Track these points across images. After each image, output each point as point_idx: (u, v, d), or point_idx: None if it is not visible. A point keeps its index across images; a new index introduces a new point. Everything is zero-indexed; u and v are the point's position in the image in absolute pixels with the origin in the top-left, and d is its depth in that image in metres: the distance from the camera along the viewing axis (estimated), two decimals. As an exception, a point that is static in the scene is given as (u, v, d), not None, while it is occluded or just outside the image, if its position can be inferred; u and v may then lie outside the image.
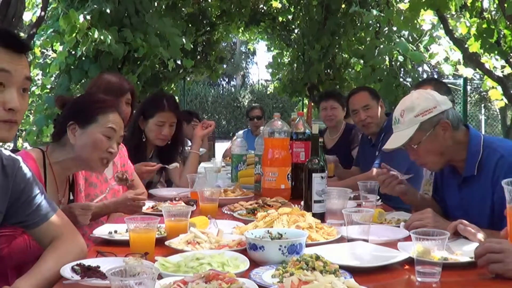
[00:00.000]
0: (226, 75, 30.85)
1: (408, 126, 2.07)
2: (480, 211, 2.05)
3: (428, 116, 2.05)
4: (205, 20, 10.27)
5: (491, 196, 2.01)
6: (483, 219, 2.02)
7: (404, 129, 2.10)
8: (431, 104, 2.06)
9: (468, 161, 2.07)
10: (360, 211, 1.90)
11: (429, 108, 2.06)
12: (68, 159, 1.99)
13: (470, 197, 2.11)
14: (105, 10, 5.61)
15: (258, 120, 6.02)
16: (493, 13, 5.98)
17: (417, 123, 2.05)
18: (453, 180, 2.20)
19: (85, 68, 5.77)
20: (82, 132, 1.98)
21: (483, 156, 2.04)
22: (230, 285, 1.26)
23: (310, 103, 4.77)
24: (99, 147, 1.99)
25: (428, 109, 2.06)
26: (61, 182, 2.03)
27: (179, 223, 1.91)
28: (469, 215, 2.09)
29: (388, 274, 1.54)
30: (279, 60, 10.70)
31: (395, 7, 7.69)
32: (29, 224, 1.61)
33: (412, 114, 2.07)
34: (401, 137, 2.10)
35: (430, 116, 2.05)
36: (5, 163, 1.55)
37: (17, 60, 1.43)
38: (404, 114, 2.10)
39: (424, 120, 2.05)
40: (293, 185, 2.78)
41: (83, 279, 1.44)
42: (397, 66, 7.72)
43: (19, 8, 4.67)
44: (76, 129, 1.98)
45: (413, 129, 2.06)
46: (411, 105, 2.10)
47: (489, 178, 2.01)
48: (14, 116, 1.42)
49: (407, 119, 2.08)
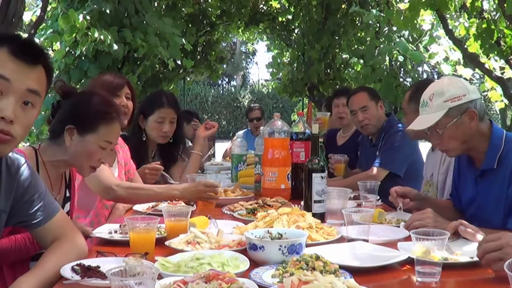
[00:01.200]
0: (226, 75, 30.85)
1: (436, 110, 2.07)
2: (496, 205, 2.05)
3: (457, 103, 2.05)
4: (205, 20, 10.27)
5: (506, 190, 2.01)
6: (498, 213, 2.02)
7: (431, 113, 2.09)
8: (461, 92, 2.07)
9: (488, 154, 2.07)
10: (360, 211, 1.90)
11: (459, 95, 2.06)
12: (61, 160, 1.97)
13: (486, 190, 2.11)
14: (104, 10, 5.62)
15: (257, 121, 6.00)
16: (493, 13, 5.97)
17: (446, 108, 2.05)
18: (470, 173, 2.20)
19: (85, 68, 5.77)
20: (79, 139, 1.94)
21: (504, 150, 2.05)
22: (230, 285, 1.26)
23: (310, 103, 4.76)
24: (92, 157, 1.96)
25: (458, 96, 2.06)
26: (55, 179, 2.01)
27: (179, 223, 1.91)
28: (484, 209, 2.09)
29: (388, 274, 1.55)
30: (279, 60, 10.71)
31: (395, 7, 7.69)
32: (31, 223, 1.61)
33: (442, 99, 2.07)
34: (427, 120, 2.10)
35: (459, 103, 2.05)
36: (9, 162, 1.54)
37: (23, 71, 1.37)
38: (433, 98, 2.10)
39: (453, 106, 2.05)
40: (293, 185, 2.78)
41: (83, 279, 1.44)
42: (397, 66, 7.73)
43: (19, 8, 4.66)
44: (74, 134, 1.94)
45: (440, 113, 2.06)
46: (441, 90, 2.09)
47: (507, 172, 2.01)
48: (7, 127, 1.34)
49: (435, 103, 2.08)
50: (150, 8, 6.21)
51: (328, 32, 9.08)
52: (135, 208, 2.49)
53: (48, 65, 1.48)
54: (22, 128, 1.40)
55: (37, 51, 1.44)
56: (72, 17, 5.23)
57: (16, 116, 1.37)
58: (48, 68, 1.47)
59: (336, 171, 3.51)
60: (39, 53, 1.45)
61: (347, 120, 4.14)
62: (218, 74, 11.01)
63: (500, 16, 5.67)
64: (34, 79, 1.41)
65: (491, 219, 2.00)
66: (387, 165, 3.31)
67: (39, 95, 1.43)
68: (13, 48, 1.37)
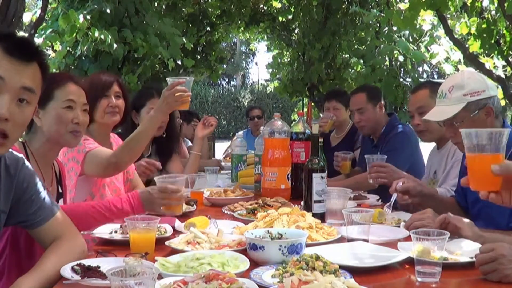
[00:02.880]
0: (226, 75, 30.87)
1: (454, 103, 2.08)
2: (501, 208, 2.04)
3: (476, 97, 2.05)
4: (205, 20, 10.27)
5: None
6: (504, 213, 2.01)
7: (449, 105, 2.09)
8: (480, 87, 2.07)
9: None
10: (360, 211, 1.90)
11: (479, 90, 2.06)
12: (43, 143, 2.01)
13: None
14: (105, 10, 5.62)
15: (258, 119, 6.05)
16: (493, 13, 5.98)
17: (464, 102, 2.06)
18: None
19: (85, 68, 5.78)
20: (44, 113, 1.99)
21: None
22: (230, 285, 1.26)
23: (310, 103, 4.76)
24: (62, 121, 1.99)
25: (478, 91, 2.06)
26: (46, 171, 2.03)
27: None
28: (489, 208, 2.08)
29: (388, 274, 1.54)
30: (279, 60, 10.70)
31: (395, 7, 7.70)
32: (31, 223, 1.61)
33: (461, 92, 2.07)
34: (445, 112, 2.10)
35: (478, 98, 2.05)
36: (8, 162, 1.54)
37: (18, 68, 1.38)
38: (452, 90, 2.10)
39: (472, 101, 2.05)
40: (293, 185, 2.78)
41: (83, 279, 1.44)
42: (397, 66, 7.73)
43: (19, 8, 4.67)
44: (38, 111, 1.98)
45: (459, 106, 2.06)
46: (461, 83, 2.10)
47: None
48: (3, 125, 1.36)
49: (454, 96, 2.08)
50: (150, 8, 6.21)
51: (329, 32, 9.08)
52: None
53: (43, 62, 1.49)
54: (17, 126, 1.41)
55: (31, 49, 1.45)
56: (73, 17, 5.23)
57: (11, 114, 1.37)
58: (43, 66, 1.48)
59: (342, 169, 3.52)
60: (33, 50, 1.45)
61: (338, 122, 4.17)
62: (218, 74, 11.00)
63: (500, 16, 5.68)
64: (29, 77, 1.41)
65: (496, 218, 1.99)
66: None
67: (34, 93, 1.44)
68: (7, 46, 1.37)
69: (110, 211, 1.94)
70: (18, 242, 1.85)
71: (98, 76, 2.68)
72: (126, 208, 1.94)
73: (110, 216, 1.95)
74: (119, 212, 1.94)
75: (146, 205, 1.97)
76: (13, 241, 1.84)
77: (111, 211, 1.94)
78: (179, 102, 2.28)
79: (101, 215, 1.94)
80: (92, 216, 1.94)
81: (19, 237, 1.85)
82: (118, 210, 1.94)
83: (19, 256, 1.85)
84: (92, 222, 1.95)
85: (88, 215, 1.93)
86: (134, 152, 2.36)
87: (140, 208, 1.96)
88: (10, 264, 1.83)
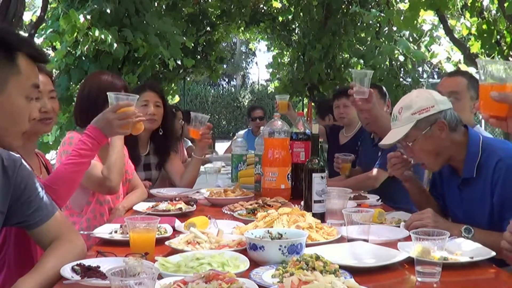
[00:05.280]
0: (226, 75, 30.86)
1: (405, 123, 2.09)
2: (480, 212, 2.05)
3: (424, 114, 2.06)
4: (205, 20, 10.28)
5: (490, 198, 2.01)
6: (483, 220, 2.02)
7: (400, 126, 2.11)
8: (429, 103, 2.07)
9: (466, 163, 2.07)
10: (360, 211, 1.90)
11: (427, 106, 2.07)
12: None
13: (470, 198, 2.11)
14: (105, 10, 5.62)
15: (260, 120, 6.05)
16: (493, 13, 5.98)
17: (413, 121, 2.06)
18: (453, 180, 2.20)
19: (85, 68, 5.78)
20: None
21: (482, 158, 2.04)
22: (230, 285, 1.26)
23: (310, 103, 4.77)
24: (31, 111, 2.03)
25: (425, 107, 2.07)
26: (31, 160, 2.05)
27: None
28: (469, 215, 2.09)
29: (388, 274, 1.54)
30: (279, 60, 10.71)
31: (395, 7, 7.70)
32: (29, 224, 1.61)
33: (410, 111, 2.08)
34: (397, 134, 2.12)
35: (427, 114, 2.06)
36: (5, 163, 1.54)
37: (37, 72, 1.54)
38: (402, 111, 2.11)
39: (421, 118, 2.06)
40: (293, 185, 2.77)
41: (83, 279, 1.44)
42: (397, 66, 7.73)
43: (19, 8, 4.67)
44: None
45: (408, 126, 2.07)
46: (409, 103, 2.11)
47: (488, 180, 2.01)
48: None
49: (404, 116, 2.10)
50: (150, 8, 6.22)
51: (329, 32, 9.09)
52: (135, 208, 2.49)
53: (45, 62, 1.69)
54: None
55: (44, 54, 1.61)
56: (73, 17, 5.23)
57: None
58: None
59: (342, 170, 3.51)
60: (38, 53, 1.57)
61: (348, 120, 4.14)
62: (218, 74, 11.01)
63: (500, 16, 5.68)
64: None
65: (478, 222, 2.00)
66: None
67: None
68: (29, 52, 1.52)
69: (80, 155, 1.97)
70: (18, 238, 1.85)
71: (108, 76, 2.67)
72: (89, 143, 1.96)
73: (85, 159, 1.99)
74: (88, 150, 1.97)
75: (105, 131, 1.99)
76: (15, 238, 1.85)
77: (81, 155, 1.97)
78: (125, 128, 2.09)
79: (77, 164, 1.97)
80: (72, 171, 1.96)
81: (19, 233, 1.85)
82: (86, 149, 1.97)
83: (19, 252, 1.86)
84: (76, 176, 1.99)
85: (68, 173, 1.96)
86: (122, 171, 2.49)
87: (101, 136, 1.98)
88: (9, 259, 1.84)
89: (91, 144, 1.98)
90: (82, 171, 2.02)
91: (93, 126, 1.99)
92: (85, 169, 2.03)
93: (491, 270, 1.59)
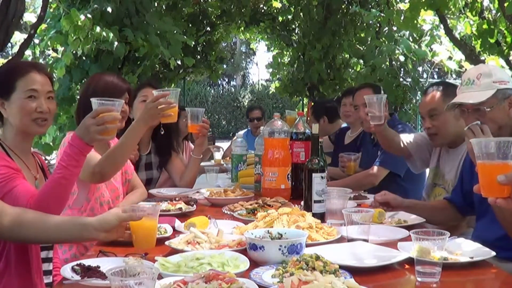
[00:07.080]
0: (226, 75, 30.84)
1: (484, 89, 2.13)
2: None
3: (504, 86, 2.12)
4: (205, 20, 10.28)
5: None
6: None
7: (479, 91, 2.14)
8: (506, 77, 2.14)
9: None
10: (360, 211, 1.90)
11: (505, 80, 2.13)
12: (14, 134, 2.03)
13: None
14: (106, 10, 5.62)
15: (258, 121, 6.01)
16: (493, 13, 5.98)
17: (494, 89, 2.12)
18: None
19: (86, 68, 5.78)
20: (8, 104, 2.00)
21: None
22: (230, 285, 1.26)
23: (310, 103, 4.76)
24: (26, 111, 1.99)
25: (504, 80, 2.13)
26: (28, 160, 2.07)
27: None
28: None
29: (388, 274, 1.55)
30: (279, 60, 10.71)
31: (395, 7, 7.70)
32: None
33: (490, 79, 2.13)
34: (475, 96, 2.14)
35: (505, 87, 2.12)
36: None
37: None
38: (480, 77, 2.15)
39: (501, 89, 2.12)
40: (293, 185, 2.77)
41: (83, 279, 1.44)
42: (397, 66, 7.73)
43: (19, 8, 4.66)
44: (4, 104, 2.00)
45: (490, 92, 2.12)
46: (488, 71, 2.16)
47: None
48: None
49: (483, 82, 2.14)
50: (150, 8, 6.21)
51: (329, 32, 9.08)
52: (135, 208, 2.49)
53: None
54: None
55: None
56: (74, 16, 5.23)
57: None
58: None
59: (347, 169, 3.51)
60: None
61: (353, 118, 4.13)
62: (218, 74, 11.01)
63: (500, 16, 5.68)
64: None
65: None
66: (388, 164, 3.30)
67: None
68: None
69: (64, 167, 1.89)
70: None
71: (112, 78, 2.66)
72: (72, 152, 1.90)
73: (69, 170, 1.90)
74: (70, 159, 1.90)
75: (85, 137, 1.92)
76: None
77: (64, 167, 1.89)
78: (161, 115, 2.33)
79: (63, 177, 1.89)
80: (59, 184, 1.89)
81: None
82: (67, 159, 1.90)
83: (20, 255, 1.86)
84: (64, 189, 1.92)
85: (56, 185, 1.89)
86: (118, 163, 2.40)
87: (82, 144, 1.90)
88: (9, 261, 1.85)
89: (74, 153, 1.91)
90: (71, 181, 1.94)
91: (75, 134, 1.94)
92: (73, 180, 1.96)
93: (491, 270, 1.59)
